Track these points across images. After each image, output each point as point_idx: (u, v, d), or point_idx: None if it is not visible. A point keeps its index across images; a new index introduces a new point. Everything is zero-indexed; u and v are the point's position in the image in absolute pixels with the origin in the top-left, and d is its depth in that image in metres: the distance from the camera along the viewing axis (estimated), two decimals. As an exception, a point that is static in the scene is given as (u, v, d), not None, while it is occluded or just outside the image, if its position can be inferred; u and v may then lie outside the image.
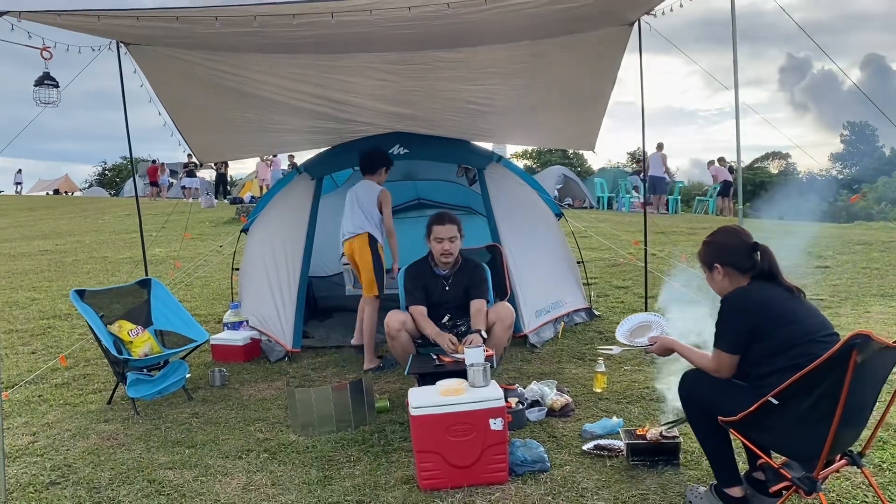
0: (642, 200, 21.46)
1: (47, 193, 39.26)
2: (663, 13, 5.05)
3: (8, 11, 3.59)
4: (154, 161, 31.07)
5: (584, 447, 3.77)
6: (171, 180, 32.72)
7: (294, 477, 3.67)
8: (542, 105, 6.11)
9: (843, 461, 2.90)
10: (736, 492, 3.02)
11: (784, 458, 2.95)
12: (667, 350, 3.31)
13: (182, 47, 4.95)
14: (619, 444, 3.68)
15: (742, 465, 3.27)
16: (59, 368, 5.77)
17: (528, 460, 3.52)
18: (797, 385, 2.63)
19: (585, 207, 22.40)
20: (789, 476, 2.79)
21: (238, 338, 5.88)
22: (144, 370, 4.83)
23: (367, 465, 3.76)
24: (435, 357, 4.30)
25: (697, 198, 22.63)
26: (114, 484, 3.69)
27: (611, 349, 4.51)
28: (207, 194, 24.84)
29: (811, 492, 2.75)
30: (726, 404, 2.88)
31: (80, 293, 4.94)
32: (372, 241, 5.63)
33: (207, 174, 32.82)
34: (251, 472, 3.77)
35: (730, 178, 18.66)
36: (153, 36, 4.52)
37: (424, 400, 3.46)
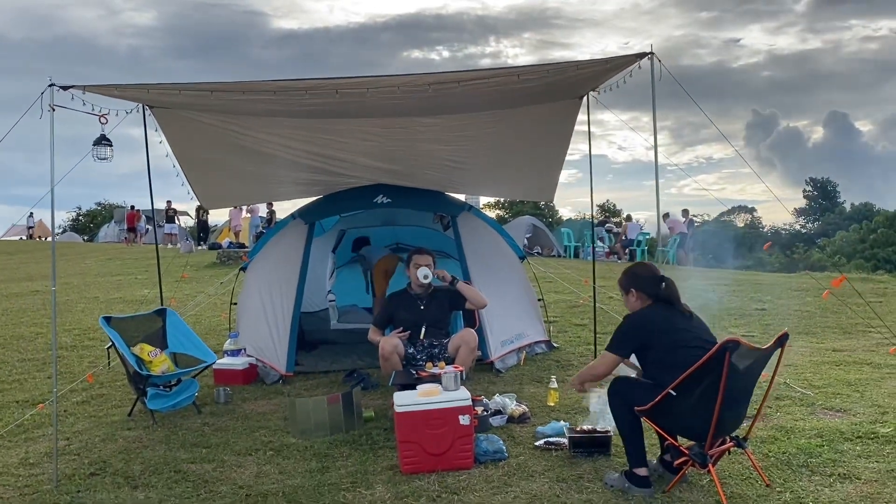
0: (608, 250, 22.68)
1: (21, 238, 39.35)
2: (610, 89, 5.98)
3: (74, 85, 4.44)
4: (132, 207, 31.79)
5: (536, 444, 4.61)
6: (148, 226, 33.35)
7: (298, 467, 4.45)
8: (505, 163, 7.05)
9: (731, 443, 3.79)
10: (642, 471, 3.85)
11: (690, 442, 3.82)
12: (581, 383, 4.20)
13: (200, 111, 5.80)
14: (564, 440, 4.52)
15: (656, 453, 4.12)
16: (76, 390, 6.46)
17: (489, 451, 4.36)
18: (688, 379, 3.52)
19: (554, 256, 23.40)
20: (686, 452, 3.67)
21: (238, 363, 6.61)
22: (161, 386, 5.59)
23: (358, 458, 4.55)
24: (414, 372, 5.18)
25: (658, 249, 23.77)
26: (146, 474, 4.43)
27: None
28: (187, 240, 25.50)
29: (704, 464, 3.62)
30: (640, 397, 3.75)
31: (108, 319, 5.71)
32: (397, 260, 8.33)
33: (184, 220, 33.58)
34: (261, 464, 4.54)
35: (685, 230, 19.78)
36: (183, 103, 5.37)
37: (407, 400, 4.31)
